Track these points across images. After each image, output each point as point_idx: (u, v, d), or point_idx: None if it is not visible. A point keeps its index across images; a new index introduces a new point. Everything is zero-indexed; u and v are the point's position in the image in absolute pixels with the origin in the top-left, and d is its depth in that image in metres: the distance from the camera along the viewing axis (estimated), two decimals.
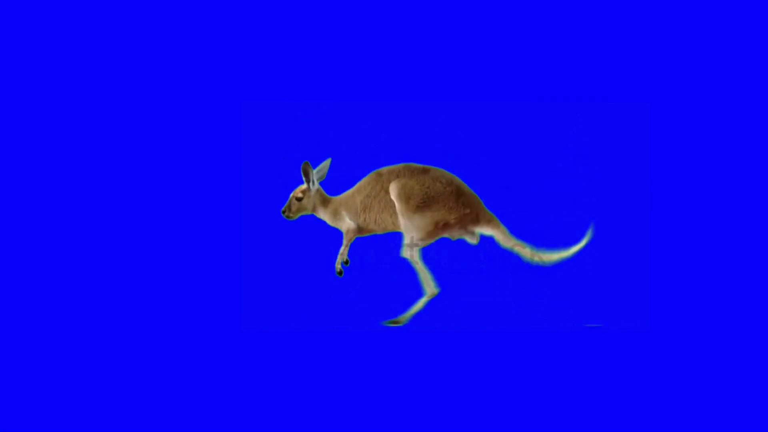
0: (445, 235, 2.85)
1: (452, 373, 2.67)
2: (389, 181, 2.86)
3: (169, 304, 2.87)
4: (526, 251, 2.82)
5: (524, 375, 2.66)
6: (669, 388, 2.62)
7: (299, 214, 2.94)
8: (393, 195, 2.84)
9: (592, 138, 2.97)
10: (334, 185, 2.97)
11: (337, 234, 2.95)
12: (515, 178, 2.96)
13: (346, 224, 2.93)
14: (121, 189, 2.93)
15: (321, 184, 2.93)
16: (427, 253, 2.87)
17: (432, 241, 2.84)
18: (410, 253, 2.84)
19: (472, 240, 2.87)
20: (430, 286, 2.84)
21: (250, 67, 2.98)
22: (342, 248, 2.93)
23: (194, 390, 2.64)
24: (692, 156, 2.91)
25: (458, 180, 2.87)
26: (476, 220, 2.84)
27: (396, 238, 2.89)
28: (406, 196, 2.82)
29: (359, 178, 2.93)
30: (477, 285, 2.89)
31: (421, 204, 2.81)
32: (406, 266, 2.87)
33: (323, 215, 2.95)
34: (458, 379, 2.66)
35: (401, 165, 2.89)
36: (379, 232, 2.92)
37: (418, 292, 2.85)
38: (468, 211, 2.83)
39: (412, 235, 2.83)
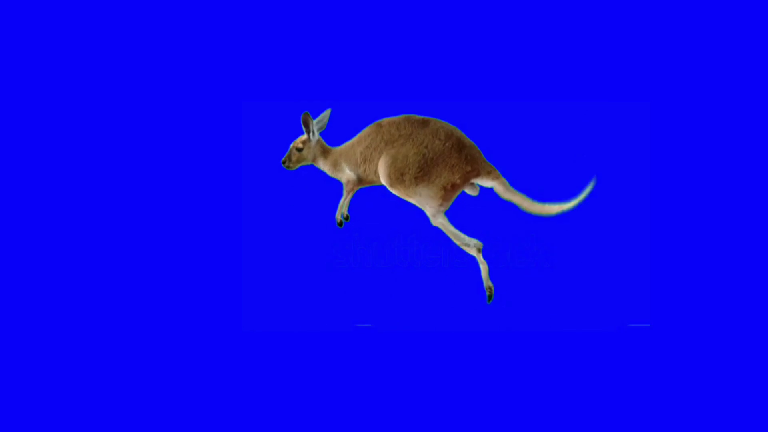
0: (456, 193, 2.81)
1: (452, 374, 2.67)
2: (389, 132, 2.83)
3: (169, 304, 2.88)
4: (526, 202, 2.80)
5: (524, 375, 2.66)
6: (669, 387, 2.61)
7: (299, 165, 2.93)
8: (384, 181, 2.80)
9: (592, 137, 2.97)
10: (334, 185, 2.98)
11: (341, 237, 2.95)
12: (515, 178, 2.96)
13: (346, 175, 2.91)
14: (121, 189, 2.93)
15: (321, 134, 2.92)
16: (428, 252, 2.87)
17: (450, 202, 2.80)
18: (437, 221, 2.80)
19: (472, 192, 2.86)
20: (472, 244, 2.80)
21: (250, 67, 2.98)
22: (342, 200, 2.92)
23: (194, 390, 2.65)
24: (692, 156, 2.91)
25: (458, 131, 2.83)
26: (477, 173, 2.82)
27: (395, 237, 2.89)
28: (398, 174, 2.78)
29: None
30: (477, 285, 2.88)
31: (418, 174, 2.77)
32: (406, 266, 2.87)
33: (323, 166, 2.94)
34: (458, 379, 2.66)
35: (401, 117, 2.86)
36: (379, 183, 2.88)
37: (417, 292, 2.85)
38: (470, 168, 2.79)
39: (429, 206, 2.80)
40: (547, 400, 2.59)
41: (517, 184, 2.90)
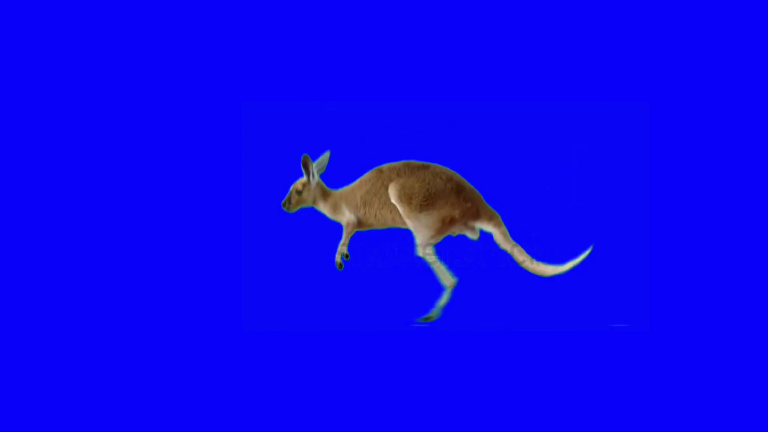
0: (451, 229, 2.85)
1: (452, 374, 2.67)
2: (389, 179, 2.86)
3: (169, 304, 2.87)
4: (522, 257, 2.82)
5: (524, 375, 2.66)
6: (669, 387, 2.61)
7: (299, 207, 2.93)
8: (393, 198, 2.84)
9: (592, 138, 2.97)
10: (334, 185, 2.97)
11: (337, 235, 2.95)
12: (515, 178, 2.96)
13: (346, 218, 2.92)
14: (122, 189, 2.93)
15: (321, 176, 2.93)
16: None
17: (442, 236, 2.84)
18: (424, 251, 2.84)
19: (473, 235, 2.87)
20: (448, 279, 2.84)
21: (250, 67, 2.98)
22: (342, 241, 2.92)
23: (194, 390, 2.64)
24: (692, 156, 2.90)
25: (458, 176, 2.87)
26: (477, 215, 2.84)
27: (395, 236, 2.90)
28: (407, 197, 2.82)
29: (359, 177, 2.93)
30: (477, 286, 2.88)
31: (424, 202, 2.81)
32: (406, 266, 2.87)
33: (323, 208, 2.95)
34: (458, 379, 2.66)
35: (401, 162, 2.89)
36: (379, 227, 2.91)
37: (417, 292, 2.85)
38: (469, 204, 2.83)
39: (423, 234, 2.83)
40: (548, 400, 2.59)
41: (516, 185, 2.91)
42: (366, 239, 2.95)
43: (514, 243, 2.83)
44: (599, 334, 2.78)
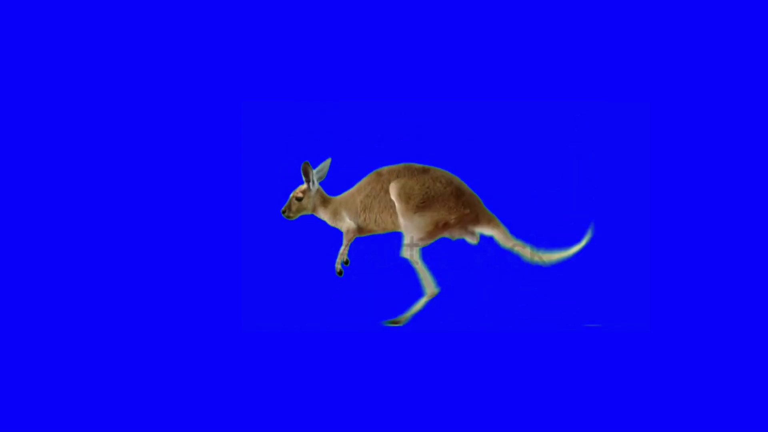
0: (446, 235, 2.85)
1: (452, 374, 2.67)
2: (389, 181, 2.86)
3: (169, 304, 2.87)
4: (525, 251, 2.82)
5: (524, 375, 2.66)
6: (669, 388, 2.62)
7: (299, 214, 2.94)
8: (393, 195, 2.84)
9: (592, 138, 2.97)
10: (334, 185, 2.98)
11: (337, 234, 2.95)
12: (515, 178, 2.96)
13: (346, 224, 2.93)
14: (121, 189, 2.93)
15: (321, 184, 2.93)
16: (427, 253, 2.87)
17: (432, 241, 2.85)
18: (410, 253, 2.84)
19: (472, 240, 2.88)
20: (430, 286, 2.84)
21: (250, 67, 2.97)
22: (342, 248, 2.92)
23: (194, 390, 2.65)
24: (692, 156, 2.91)
25: (458, 180, 2.87)
26: (476, 220, 2.85)
27: (395, 237, 2.89)
28: (406, 196, 2.82)
29: (359, 178, 2.93)
30: (476, 285, 2.89)
31: (421, 204, 2.81)
32: (406, 266, 2.87)
33: (323, 215, 2.95)
34: (458, 379, 2.66)
35: (401, 165, 2.89)
36: (379, 232, 2.92)
37: (418, 292, 2.85)
38: (468, 211, 2.83)
39: (412, 235, 2.83)
40: (547, 400, 2.59)
41: (516, 185, 2.91)
42: (366, 244, 2.95)
43: (515, 240, 2.83)
44: (599, 334, 2.79)
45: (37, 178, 2.91)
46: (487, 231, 2.85)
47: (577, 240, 2.80)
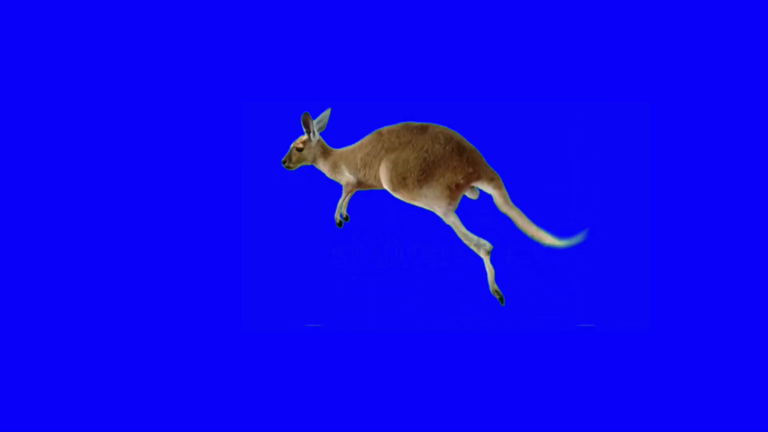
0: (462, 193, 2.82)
1: (452, 373, 2.67)
2: (389, 141, 2.84)
3: (169, 304, 2.88)
4: (522, 220, 2.81)
5: (524, 375, 2.66)
6: (668, 388, 2.62)
7: (299, 165, 2.94)
8: (386, 185, 2.82)
9: (592, 138, 2.97)
10: (334, 185, 2.98)
11: (340, 237, 2.95)
12: (515, 178, 2.96)
13: (345, 177, 2.93)
14: (121, 189, 2.93)
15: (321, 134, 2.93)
16: (426, 253, 2.87)
17: (458, 200, 2.81)
18: (448, 220, 2.81)
19: (472, 195, 2.87)
20: (479, 246, 2.81)
21: (250, 67, 2.98)
22: (341, 200, 2.93)
23: (194, 390, 2.65)
24: (692, 156, 2.91)
25: (458, 135, 2.85)
26: (478, 178, 2.83)
27: (395, 237, 2.89)
28: (400, 178, 2.80)
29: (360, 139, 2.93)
30: (476, 285, 2.88)
31: (421, 176, 2.79)
32: (406, 266, 2.87)
33: (323, 167, 2.95)
34: (458, 379, 2.66)
35: (400, 124, 2.87)
36: (379, 187, 2.90)
37: (418, 292, 2.85)
38: (471, 170, 2.81)
39: (439, 205, 2.81)
40: (547, 400, 2.59)
41: (516, 185, 2.91)
42: (366, 244, 2.95)
43: (513, 206, 2.82)
44: (599, 333, 2.78)
45: (37, 178, 2.92)
46: (487, 189, 2.83)
47: (575, 250, 2.80)
